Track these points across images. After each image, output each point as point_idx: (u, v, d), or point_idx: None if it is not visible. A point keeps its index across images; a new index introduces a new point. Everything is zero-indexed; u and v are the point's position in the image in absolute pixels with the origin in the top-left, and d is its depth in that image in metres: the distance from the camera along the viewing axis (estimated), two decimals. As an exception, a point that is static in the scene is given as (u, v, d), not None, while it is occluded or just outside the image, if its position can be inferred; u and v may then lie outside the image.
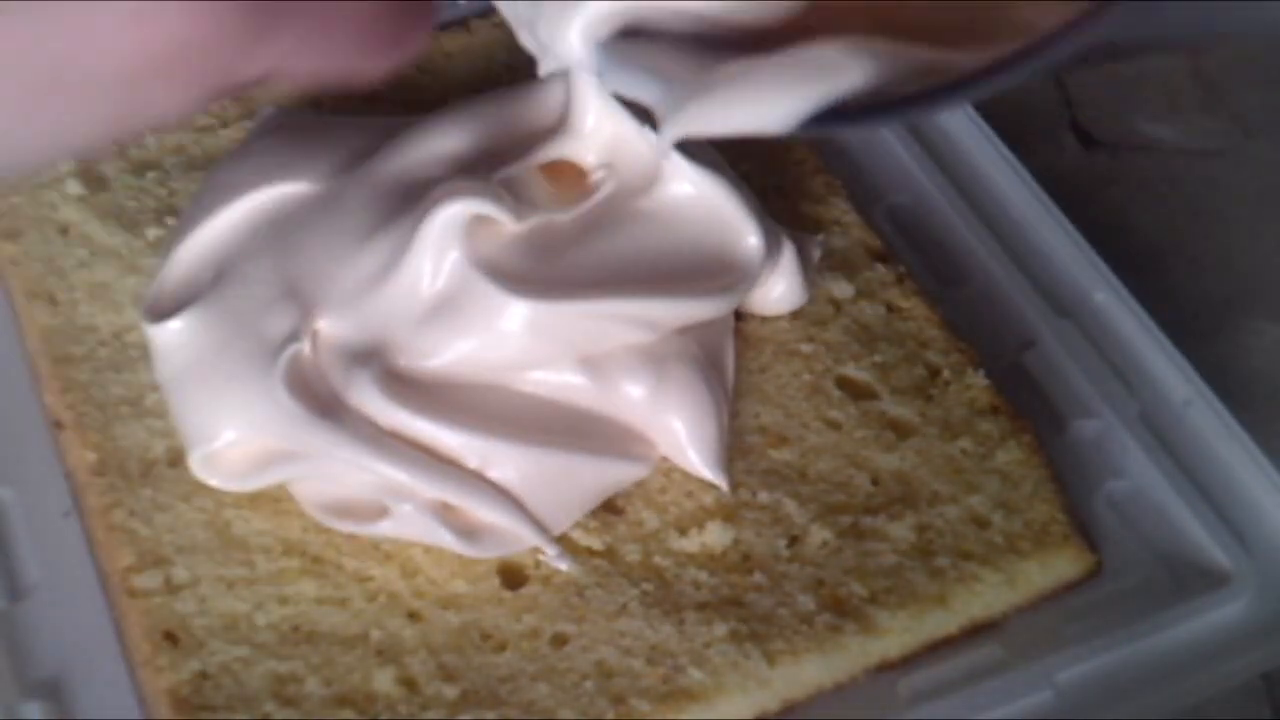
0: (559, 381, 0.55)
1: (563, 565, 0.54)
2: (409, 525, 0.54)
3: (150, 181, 0.64)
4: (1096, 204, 0.67)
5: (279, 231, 0.57)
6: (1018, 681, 0.53)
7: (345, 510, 0.54)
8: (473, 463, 0.54)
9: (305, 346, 0.54)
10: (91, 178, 0.64)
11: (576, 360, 0.55)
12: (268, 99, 0.66)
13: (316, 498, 0.54)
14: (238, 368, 0.54)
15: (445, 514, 0.53)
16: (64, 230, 0.63)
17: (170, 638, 0.52)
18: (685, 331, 0.57)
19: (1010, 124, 0.69)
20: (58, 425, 0.58)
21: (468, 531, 0.53)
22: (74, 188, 0.63)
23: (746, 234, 0.57)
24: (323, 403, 0.54)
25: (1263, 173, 0.74)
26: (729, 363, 0.58)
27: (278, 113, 0.64)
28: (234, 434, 0.54)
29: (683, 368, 0.56)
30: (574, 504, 0.55)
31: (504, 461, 0.54)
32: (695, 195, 0.56)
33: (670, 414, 0.56)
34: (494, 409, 0.55)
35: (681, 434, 0.56)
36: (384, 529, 0.54)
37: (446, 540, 0.53)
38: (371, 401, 0.53)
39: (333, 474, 0.54)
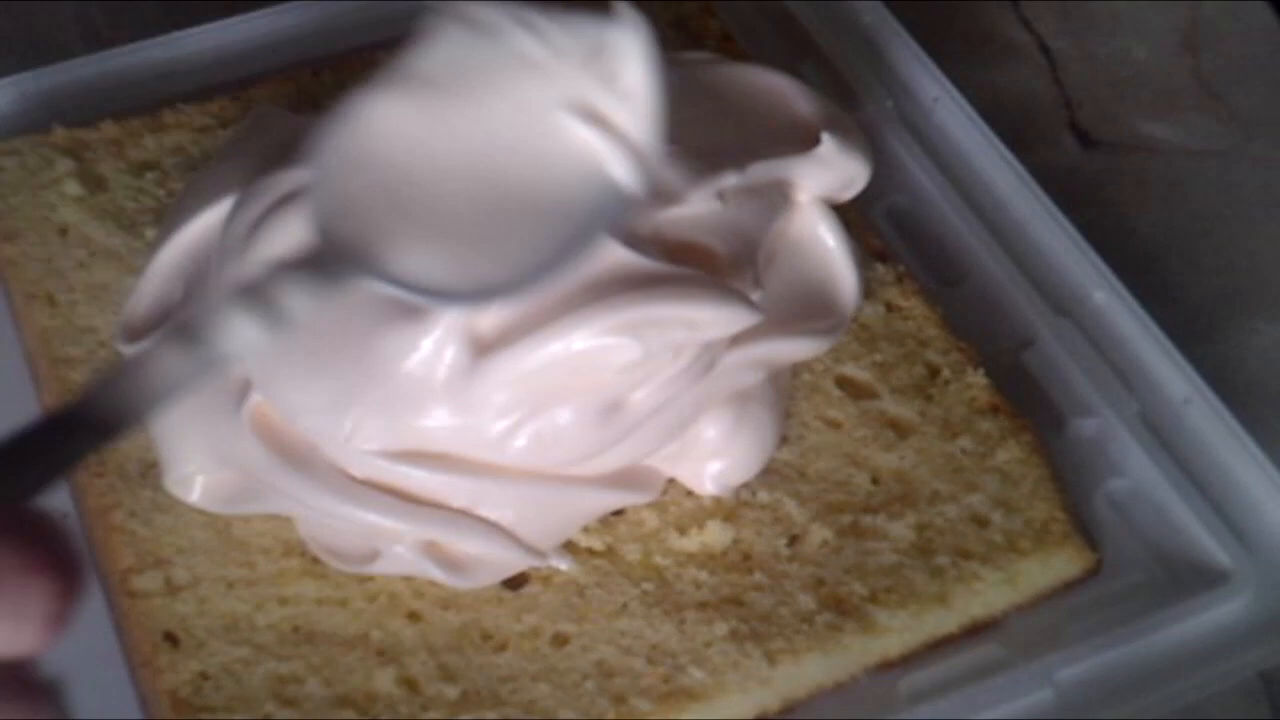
0: None
1: (563, 565, 0.54)
2: (400, 564, 0.53)
3: (149, 182, 0.64)
4: (1096, 204, 0.67)
5: None
6: (1018, 680, 0.53)
7: (341, 553, 0.54)
8: (459, 502, 0.52)
9: None
10: (90, 178, 0.64)
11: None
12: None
13: (316, 539, 0.54)
14: (206, 403, 0.54)
15: (432, 550, 0.53)
16: (63, 231, 0.63)
17: (170, 638, 0.52)
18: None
19: (1010, 124, 0.69)
20: (57, 426, 0.57)
21: (457, 565, 0.53)
22: (73, 188, 0.63)
23: (846, 273, 0.57)
24: (292, 449, 0.53)
25: (1262, 173, 0.74)
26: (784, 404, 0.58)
27: (261, 113, 0.63)
28: (203, 466, 0.54)
29: (762, 410, 0.56)
30: (569, 528, 0.54)
31: (496, 500, 0.53)
32: (810, 236, 0.57)
33: (723, 457, 0.55)
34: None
35: (721, 474, 0.55)
36: (379, 568, 0.53)
37: (436, 576, 0.53)
38: (346, 454, 0.52)
39: (319, 519, 0.54)
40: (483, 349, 0.50)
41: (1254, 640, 0.54)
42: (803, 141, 0.58)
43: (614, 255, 0.50)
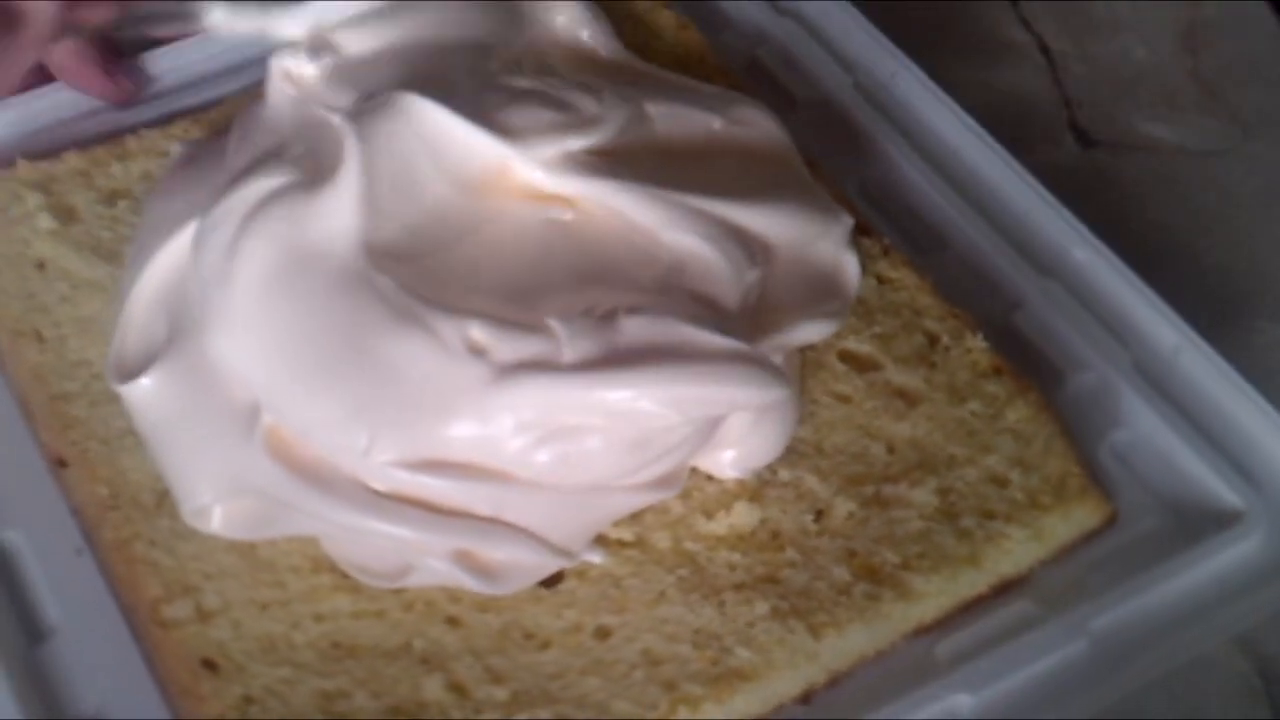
0: None
1: (595, 559, 0.54)
2: (433, 576, 0.53)
3: (122, 210, 0.63)
4: (1096, 203, 0.67)
5: None
6: (1053, 634, 0.54)
7: (372, 570, 0.53)
8: (485, 510, 0.52)
9: None
10: (62, 210, 0.63)
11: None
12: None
13: (345, 558, 0.53)
14: (214, 430, 0.53)
15: (464, 560, 0.52)
16: (40, 265, 0.62)
17: (209, 665, 0.51)
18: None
19: (1010, 124, 0.70)
20: (60, 463, 0.57)
21: (489, 572, 0.52)
22: (46, 222, 0.62)
23: (844, 257, 0.58)
24: (310, 468, 0.52)
25: (1262, 173, 0.75)
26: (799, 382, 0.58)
27: (190, 145, 0.63)
28: (219, 495, 0.53)
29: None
30: (597, 527, 0.54)
31: (521, 507, 0.52)
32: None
33: (747, 444, 0.55)
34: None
35: (746, 458, 0.56)
36: (412, 581, 0.53)
37: (471, 585, 0.52)
38: (365, 468, 0.52)
39: (346, 536, 0.53)
40: (506, 370, 0.50)
41: (1274, 575, 0.56)
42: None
43: (668, 327, 0.51)
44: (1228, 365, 0.60)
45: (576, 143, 0.55)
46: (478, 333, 0.50)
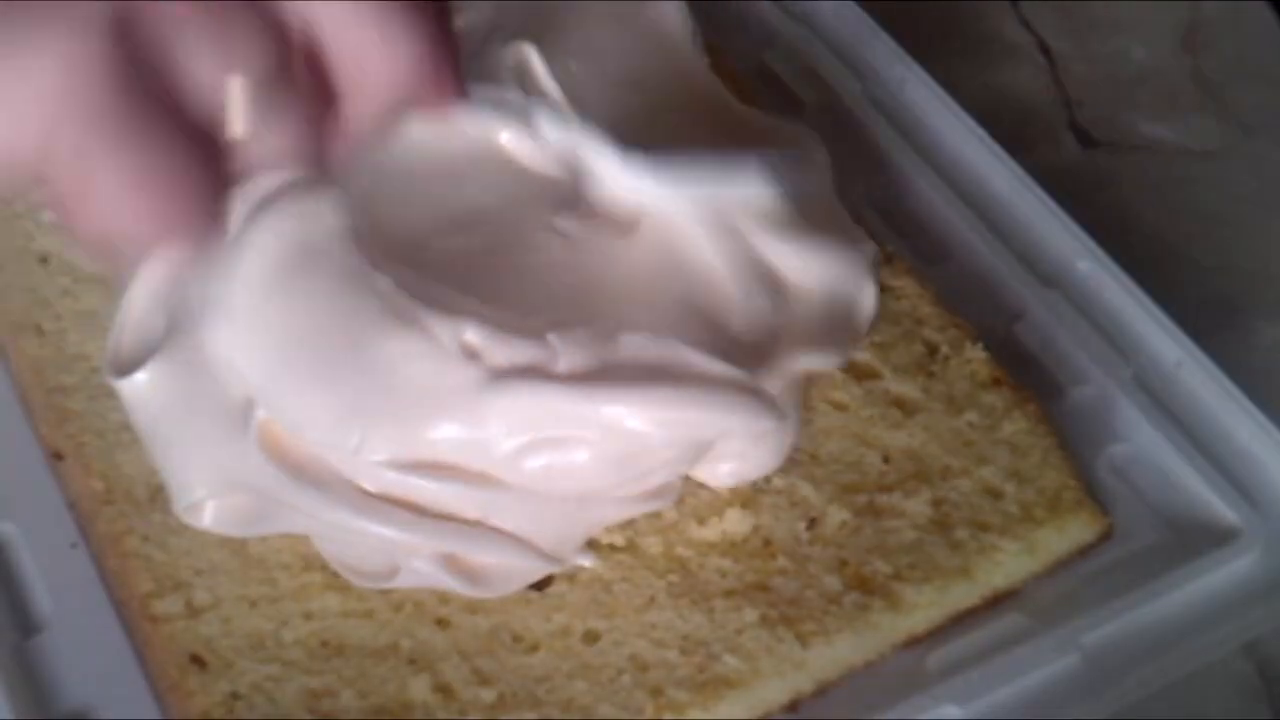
0: None
1: (586, 563, 0.54)
2: (420, 578, 0.53)
3: (126, 205, 0.63)
4: (1096, 204, 0.67)
5: None
6: (1045, 647, 0.53)
7: (361, 570, 0.53)
8: (474, 514, 0.52)
9: None
10: (66, 205, 0.63)
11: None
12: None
13: (335, 557, 0.54)
14: (209, 425, 0.53)
15: (451, 563, 0.52)
16: (44, 259, 0.62)
17: (197, 661, 0.51)
18: None
19: (1010, 124, 0.70)
20: (57, 456, 0.57)
21: (477, 576, 0.52)
22: (50, 215, 0.62)
23: (865, 289, 0.58)
24: (302, 466, 0.52)
25: (1263, 173, 0.75)
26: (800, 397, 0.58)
27: None
28: (212, 491, 0.53)
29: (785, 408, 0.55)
30: (587, 535, 0.54)
31: (511, 512, 0.52)
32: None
33: (745, 458, 0.55)
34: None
35: (741, 471, 0.55)
36: (399, 583, 0.53)
37: (457, 588, 0.52)
38: (357, 467, 0.52)
39: (336, 535, 0.53)
40: (499, 375, 0.50)
41: (1269, 594, 0.55)
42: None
43: (666, 347, 0.51)
44: (1229, 381, 0.60)
45: None
46: (472, 335, 0.51)
